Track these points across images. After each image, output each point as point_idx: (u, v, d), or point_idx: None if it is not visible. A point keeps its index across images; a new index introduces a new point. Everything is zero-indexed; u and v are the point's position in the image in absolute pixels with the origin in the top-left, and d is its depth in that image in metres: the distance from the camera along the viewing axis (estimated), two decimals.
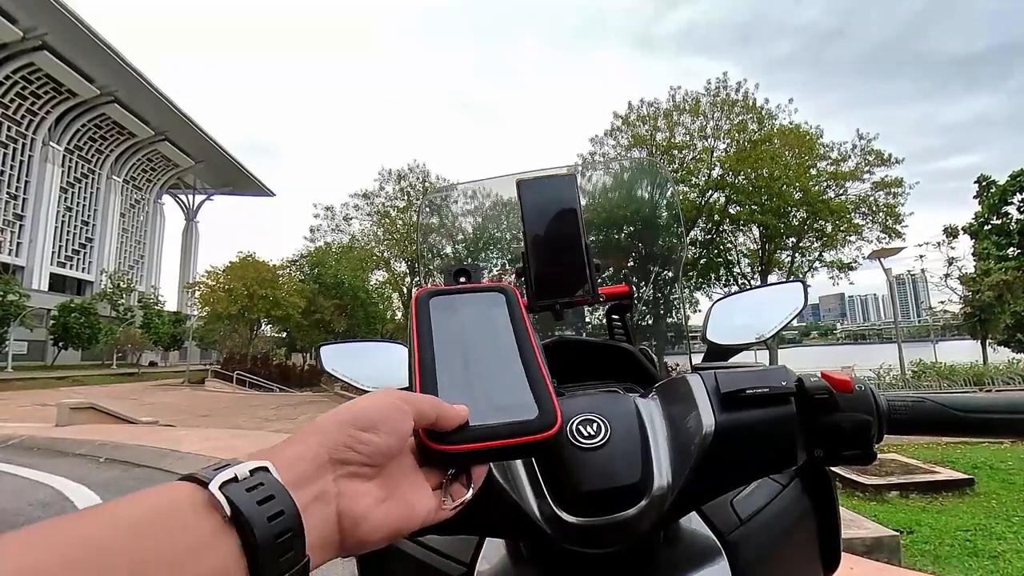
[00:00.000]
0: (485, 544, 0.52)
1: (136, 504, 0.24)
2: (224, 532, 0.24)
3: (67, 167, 46.17)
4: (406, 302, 30.57)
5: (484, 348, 0.40)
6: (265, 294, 27.64)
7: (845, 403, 0.43)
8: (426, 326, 0.41)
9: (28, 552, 0.20)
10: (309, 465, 0.28)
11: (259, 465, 0.26)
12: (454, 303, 0.43)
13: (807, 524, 0.56)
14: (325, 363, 0.85)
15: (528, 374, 0.38)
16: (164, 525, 0.23)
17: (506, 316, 0.42)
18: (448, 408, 0.33)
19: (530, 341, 0.41)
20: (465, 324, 0.42)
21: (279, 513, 0.25)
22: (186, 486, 0.25)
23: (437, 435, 0.33)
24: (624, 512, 0.40)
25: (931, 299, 60.52)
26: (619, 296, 0.82)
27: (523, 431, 0.34)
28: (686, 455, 0.41)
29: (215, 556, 0.23)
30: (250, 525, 0.24)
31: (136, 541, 0.22)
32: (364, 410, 0.31)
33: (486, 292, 0.44)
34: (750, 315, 0.80)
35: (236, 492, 0.25)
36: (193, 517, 0.24)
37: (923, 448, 6.28)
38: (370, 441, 0.29)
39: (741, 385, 0.42)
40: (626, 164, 1.44)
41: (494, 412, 0.35)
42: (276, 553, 0.24)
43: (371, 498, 0.29)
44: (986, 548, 3.47)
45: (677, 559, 0.48)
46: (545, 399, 0.37)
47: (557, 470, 0.42)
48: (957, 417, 0.44)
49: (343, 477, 0.29)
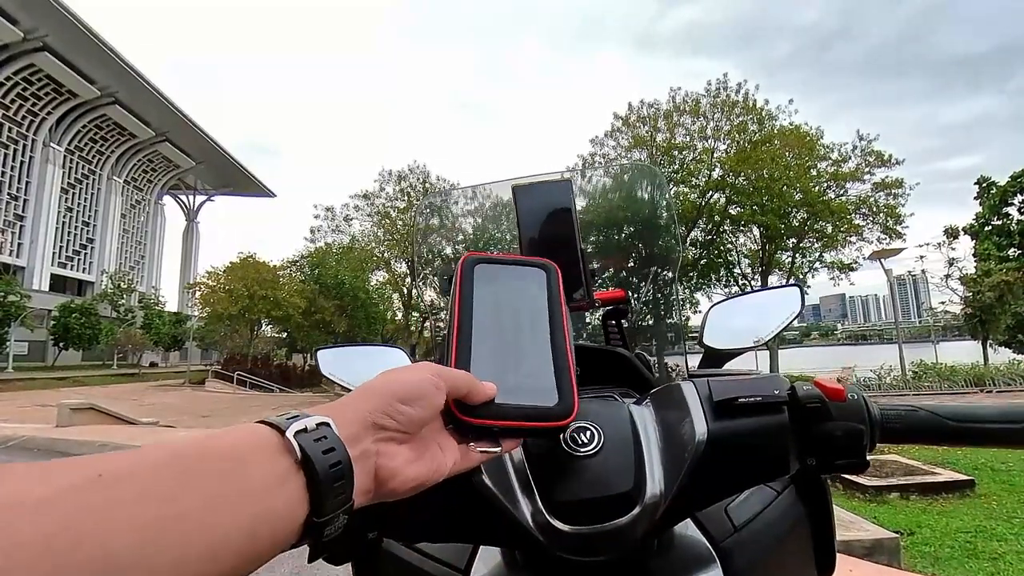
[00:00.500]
0: (480, 551, 0.52)
1: (223, 439, 0.28)
2: (294, 472, 0.28)
3: (68, 168, 46.18)
4: (406, 303, 30.60)
5: (519, 325, 0.42)
6: (266, 295, 27.61)
7: (838, 412, 0.42)
8: (467, 294, 0.43)
9: (126, 457, 0.24)
10: (358, 426, 0.32)
11: (323, 420, 0.30)
12: (497, 273, 0.45)
13: (801, 531, 0.56)
14: (322, 367, 0.85)
15: (555, 360, 0.40)
16: (246, 459, 0.27)
17: (544, 295, 0.44)
18: (478, 385, 0.37)
19: (562, 324, 0.42)
20: (504, 297, 0.43)
21: (337, 462, 0.29)
22: (264, 429, 0.29)
23: (466, 407, 0.37)
24: (617, 520, 0.40)
25: (932, 300, 60.56)
26: (615, 301, 0.82)
27: (541, 416, 0.37)
28: (679, 463, 0.41)
29: (286, 491, 0.27)
30: (316, 469, 0.28)
31: (222, 469, 0.26)
32: (405, 384, 0.35)
33: (529, 267, 0.46)
34: (747, 319, 0.80)
35: (306, 440, 0.29)
36: (270, 457, 0.28)
37: (924, 449, 6.27)
38: (407, 412, 0.33)
39: (734, 393, 0.42)
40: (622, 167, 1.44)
41: (519, 393, 0.38)
42: (333, 493, 0.29)
43: (403, 458, 0.33)
44: (986, 550, 3.46)
45: (670, 567, 0.48)
46: (566, 388, 0.39)
47: (550, 478, 0.42)
48: (949, 427, 0.44)
49: (381, 440, 0.33)
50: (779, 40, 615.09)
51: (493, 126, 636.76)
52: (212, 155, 55.93)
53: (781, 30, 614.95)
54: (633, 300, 0.88)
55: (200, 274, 33.52)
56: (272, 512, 0.27)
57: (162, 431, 8.93)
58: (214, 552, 0.24)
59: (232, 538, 0.25)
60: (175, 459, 0.25)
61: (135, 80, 43.73)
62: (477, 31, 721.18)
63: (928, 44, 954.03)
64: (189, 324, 38.55)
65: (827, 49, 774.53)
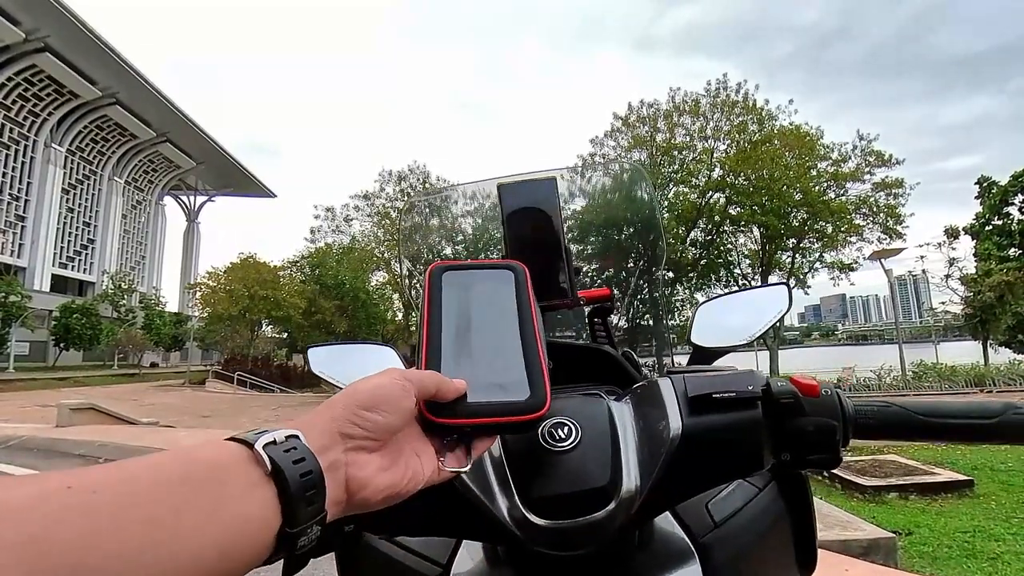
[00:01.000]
0: (462, 546, 0.52)
1: (195, 453, 0.28)
2: (265, 483, 0.28)
3: (69, 168, 46.26)
4: (406, 303, 30.62)
5: (488, 325, 0.42)
6: (266, 295, 27.62)
7: (811, 408, 0.43)
8: (436, 300, 0.43)
9: (97, 469, 0.24)
10: (325, 437, 0.32)
11: (292, 433, 0.31)
12: (465, 278, 0.45)
13: (782, 527, 0.56)
14: (313, 365, 0.85)
15: (526, 355, 0.40)
16: (219, 471, 0.27)
17: (512, 294, 0.44)
18: (448, 382, 0.37)
19: (532, 321, 0.43)
20: (473, 300, 0.44)
21: (308, 472, 0.29)
22: (232, 445, 0.29)
23: (436, 407, 0.36)
24: (593, 515, 0.40)
25: (932, 300, 60.50)
26: (600, 299, 0.82)
27: (513, 411, 0.37)
28: (655, 458, 0.42)
29: (257, 502, 0.28)
30: (286, 479, 0.28)
31: (195, 480, 0.26)
32: (368, 391, 0.34)
33: (496, 269, 0.46)
34: (735, 317, 0.81)
35: (275, 452, 0.29)
36: (240, 469, 0.28)
37: (922, 449, 6.27)
38: (372, 419, 0.33)
39: (708, 389, 0.43)
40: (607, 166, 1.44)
41: (490, 389, 0.38)
42: (305, 503, 0.29)
43: (374, 467, 0.33)
44: (985, 550, 3.46)
45: (650, 562, 0.48)
46: (538, 381, 0.39)
47: (528, 473, 0.43)
48: (920, 422, 0.44)
49: (351, 449, 0.32)
50: (779, 40, 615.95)
51: (493, 126, 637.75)
52: (213, 155, 56.00)
53: (781, 30, 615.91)
54: (618, 299, 0.89)
55: (200, 274, 33.60)
56: (245, 521, 0.27)
57: (162, 431, 8.94)
58: (188, 562, 0.24)
59: (206, 548, 0.25)
60: (148, 470, 0.25)
61: (136, 80, 43.81)
62: (477, 31, 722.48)
63: (928, 44, 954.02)
64: (189, 324, 38.62)
65: (827, 49, 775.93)
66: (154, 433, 8.47)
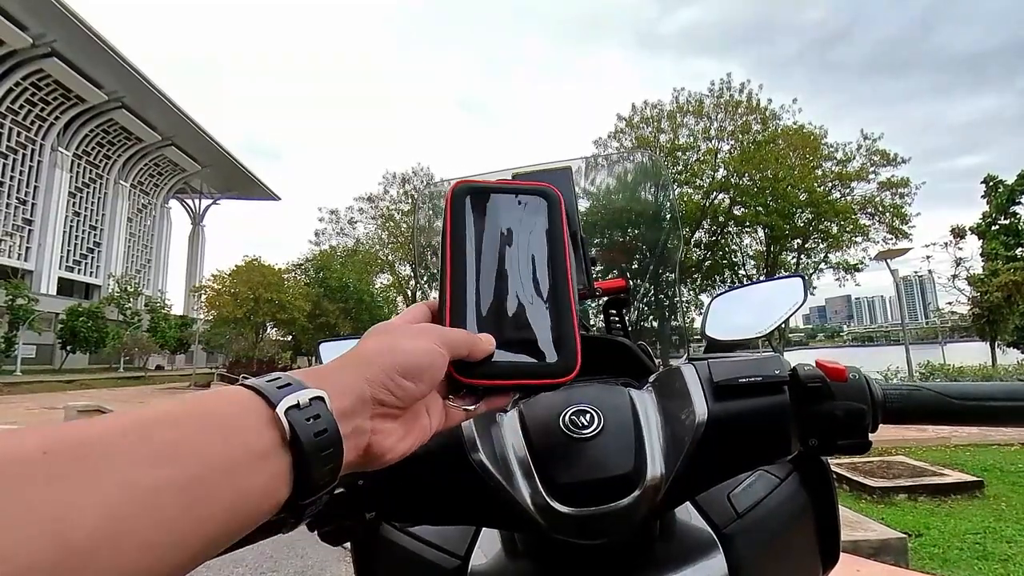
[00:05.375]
0: (480, 538, 0.52)
1: (201, 404, 0.25)
2: (280, 451, 0.26)
3: (75, 172, 46.58)
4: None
5: (517, 269, 0.40)
6: (271, 298, 27.72)
7: (839, 392, 0.42)
8: (459, 233, 0.40)
9: (77, 428, 0.21)
10: (354, 399, 0.29)
11: (317, 395, 0.28)
12: (491, 203, 0.42)
13: (805, 518, 0.55)
14: (324, 359, 0.85)
15: (555, 309, 0.38)
16: (227, 430, 0.24)
17: (543, 228, 0.41)
18: (479, 343, 0.35)
19: (564, 267, 0.40)
20: (500, 233, 0.41)
21: (328, 445, 0.27)
22: (254, 399, 0.27)
23: (464, 367, 0.35)
24: (617, 502, 0.39)
25: (939, 300, 60.08)
26: (615, 290, 0.81)
27: (542, 373, 0.36)
28: (679, 445, 0.41)
29: (269, 470, 0.25)
30: (305, 452, 0.26)
31: (204, 443, 0.23)
32: (409, 357, 0.32)
33: (527, 195, 0.43)
34: (750, 310, 0.80)
35: (297, 418, 0.26)
36: (257, 431, 0.25)
37: (932, 451, 6.22)
38: (409, 388, 0.31)
39: (734, 374, 0.42)
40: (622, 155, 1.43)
41: (518, 347, 0.37)
42: (319, 476, 0.27)
43: (395, 436, 0.31)
44: (996, 551, 3.43)
45: (672, 552, 0.47)
46: (568, 341, 0.37)
47: (550, 459, 0.42)
48: (953, 405, 0.43)
49: (378, 416, 0.30)
50: (783, 39, 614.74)
51: (497, 127, 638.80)
52: (218, 159, 56.26)
53: (785, 29, 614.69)
54: (634, 290, 0.88)
55: (206, 277, 33.78)
56: (251, 491, 0.24)
57: None
58: (184, 534, 0.22)
59: (205, 520, 0.22)
60: (138, 428, 0.22)
61: (142, 85, 44.09)
62: (480, 32, 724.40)
63: (934, 42, 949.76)
64: (195, 327, 38.75)
65: (832, 48, 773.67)
66: None
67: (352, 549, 0.57)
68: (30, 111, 41.55)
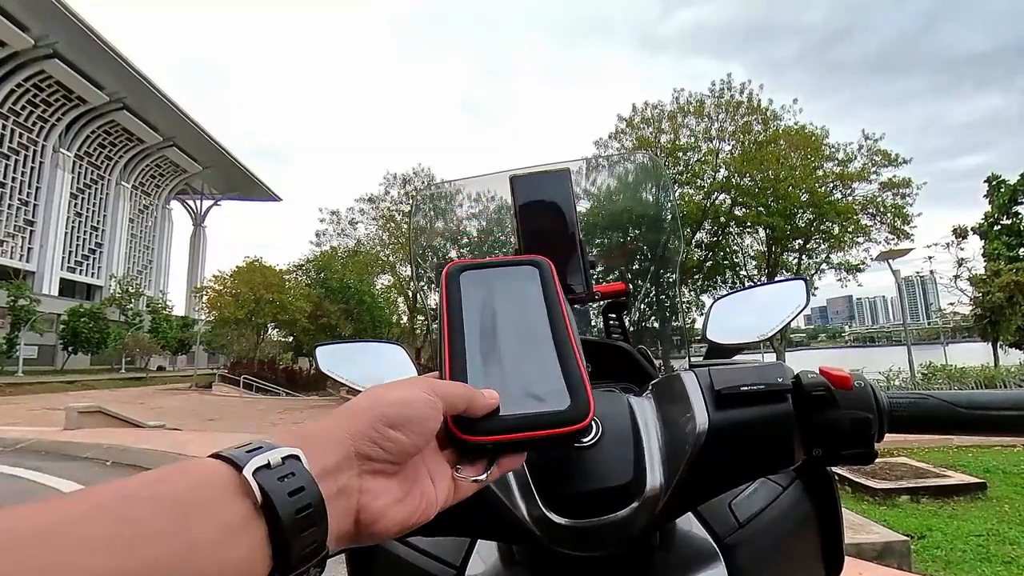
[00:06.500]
0: (477, 547, 0.51)
1: (171, 481, 0.23)
2: (254, 519, 0.23)
3: (77, 173, 46.73)
4: (411, 306, 30.65)
5: (516, 328, 0.39)
6: (272, 299, 27.75)
7: (844, 400, 0.40)
8: (455, 303, 0.40)
9: (38, 511, 0.20)
10: (337, 456, 0.27)
11: (291, 453, 0.25)
12: (485, 278, 0.42)
13: (808, 527, 0.54)
14: (321, 364, 0.83)
15: (561, 358, 0.37)
16: (198, 506, 0.22)
17: (539, 292, 0.41)
18: (479, 395, 0.33)
19: (564, 320, 0.40)
20: (496, 301, 0.41)
21: (307, 506, 0.25)
22: (220, 467, 0.24)
23: (465, 424, 0.33)
24: (615, 514, 0.38)
25: (940, 301, 59.99)
26: (615, 294, 0.80)
27: (555, 422, 0.33)
28: (680, 455, 0.40)
29: (243, 542, 0.23)
30: (279, 516, 0.24)
31: (172, 521, 0.21)
32: (395, 405, 0.29)
33: (519, 266, 0.43)
34: (751, 313, 0.78)
35: (268, 480, 0.24)
36: (226, 500, 0.23)
37: (934, 452, 6.20)
38: (397, 440, 0.29)
39: (736, 382, 0.40)
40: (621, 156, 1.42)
41: (525, 400, 0.34)
42: (301, 544, 0.24)
43: (390, 497, 0.28)
44: (999, 553, 3.41)
45: (673, 562, 0.46)
46: (578, 387, 0.35)
47: (547, 470, 0.41)
48: (961, 414, 0.41)
49: (367, 473, 0.28)
50: (785, 39, 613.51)
51: (497, 127, 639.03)
52: (219, 160, 56.38)
53: (786, 29, 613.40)
54: (635, 292, 0.87)
55: (207, 278, 33.78)
56: (225, 570, 0.22)
57: (169, 433, 8.96)
58: None
59: None
60: (98, 512, 0.20)
61: (143, 86, 44.23)
62: (481, 33, 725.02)
63: (936, 42, 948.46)
64: (196, 328, 38.83)
65: (833, 48, 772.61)
66: (161, 435, 8.49)
67: (347, 559, 0.56)
68: (32, 112, 41.66)
